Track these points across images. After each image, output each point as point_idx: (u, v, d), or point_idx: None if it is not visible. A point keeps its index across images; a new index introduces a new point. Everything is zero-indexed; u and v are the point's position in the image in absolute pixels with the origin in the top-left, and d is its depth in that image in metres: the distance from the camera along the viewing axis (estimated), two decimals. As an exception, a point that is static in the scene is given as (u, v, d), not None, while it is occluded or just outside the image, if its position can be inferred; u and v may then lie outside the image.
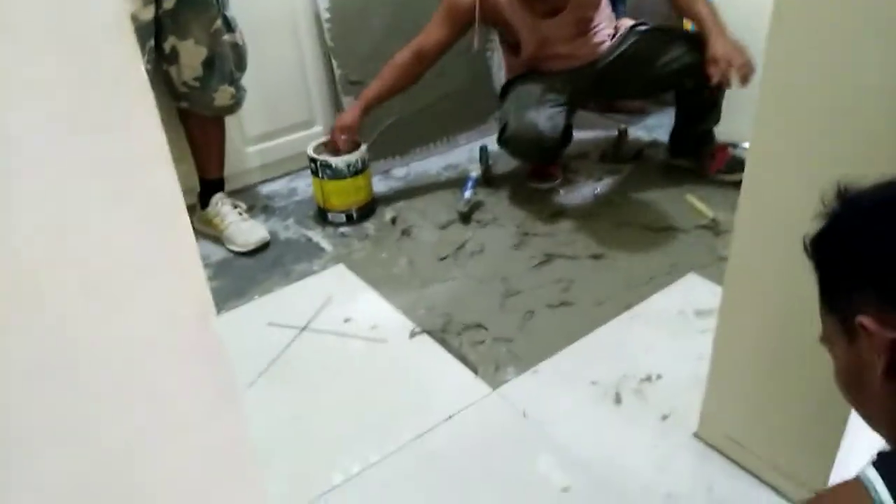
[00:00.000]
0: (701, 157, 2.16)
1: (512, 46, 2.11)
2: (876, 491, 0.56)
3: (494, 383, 1.45)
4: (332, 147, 2.05)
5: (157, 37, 1.69)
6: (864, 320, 0.60)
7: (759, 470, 1.19)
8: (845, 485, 0.60)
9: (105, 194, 0.30)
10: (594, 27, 2.04)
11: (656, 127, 2.52)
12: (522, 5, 1.93)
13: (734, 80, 1.76)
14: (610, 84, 2.10)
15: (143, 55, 1.63)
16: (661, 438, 1.30)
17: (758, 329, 1.11)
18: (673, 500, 1.18)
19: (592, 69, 2.06)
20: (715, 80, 1.78)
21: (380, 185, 2.25)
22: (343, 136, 2.01)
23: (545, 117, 1.97)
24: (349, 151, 2.01)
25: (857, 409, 0.70)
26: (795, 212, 0.98)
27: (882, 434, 0.65)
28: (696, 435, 1.30)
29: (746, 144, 1.35)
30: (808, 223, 0.66)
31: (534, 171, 2.21)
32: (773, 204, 1.02)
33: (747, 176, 1.03)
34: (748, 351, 1.14)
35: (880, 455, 0.61)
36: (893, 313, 0.59)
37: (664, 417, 1.35)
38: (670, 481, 1.21)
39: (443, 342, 1.58)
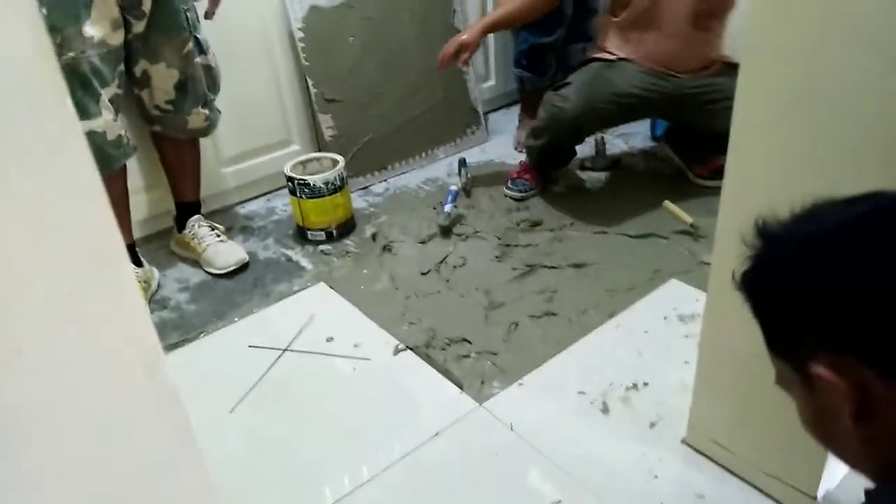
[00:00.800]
0: (692, 158, 2.17)
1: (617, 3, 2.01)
2: None
3: (480, 398, 1.44)
4: (443, 60, 2.05)
5: (127, 61, 1.67)
6: (820, 371, 0.55)
7: (749, 475, 1.19)
8: None
9: (31, 236, 0.28)
10: (710, 32, 1.96)
11: (633, 135, 2.53)
12: None
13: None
14: (676, 109, 2.03)
15: (114, 79, 1.61)
16: (650, 446, 1.29)
17: (743, 333, 1.09)
18: (664, 509, 1.17)
19: (678, 89, 1.98)
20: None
21: (359, 202, 2.24)
22: (464, 54, 2.02)
23: (596, 113, 1.96)
24: (462, 64, 2.07)
25: (829, 450, 0.64)
26: (778, 215, 0.98)
27: (860, 472, 0.61)
28: (684, 441, 1.29)
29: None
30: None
31: (512, 179, 2.20)
32: (754, 207, 1.01)
33: (728, 178, 1.03)
34: (734, 355, 1.13)
35: (867, 494, 0.57)
36: (848, 354, 0.54)
37: (652, 425, 1.34)
38: (661, 489, 1.20)
39: (427, 358, 1.56)
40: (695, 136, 2.15)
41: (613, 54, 2.01)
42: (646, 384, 1.43)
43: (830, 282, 0.55)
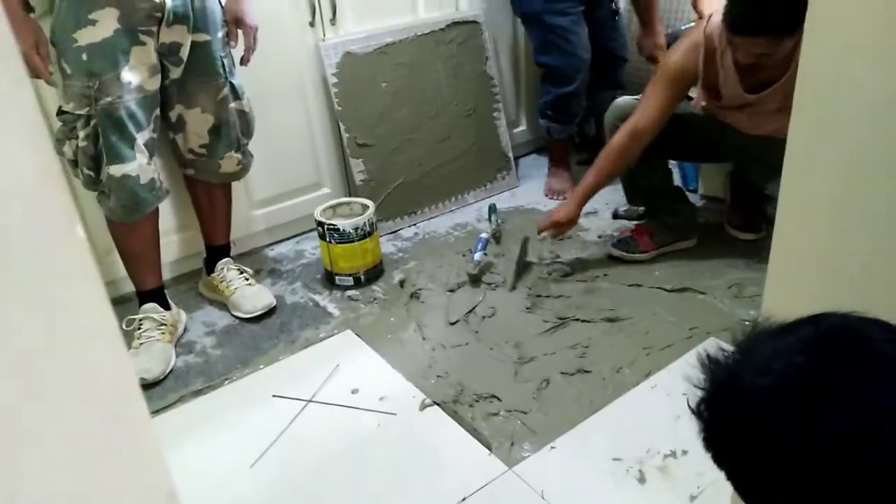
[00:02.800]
0: (735, 208, 2.12)
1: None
2: None
3: (510, 461, 1.38)
4: (540, 229, 2.01)
5: (162, 105, 1.68)
6: None
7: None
8: None
9: (36, 384, 0.25)
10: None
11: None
12: (735, 71, 1.73)
13: None
14: (739, 153, 1.95)
15: (150, 124, 1.62)
16: (691, 522, 1.22)
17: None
18: None
19: (747, 138, 1.87)
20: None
21: (388, 246, 2.22)
22: (557, 232, 2.00)
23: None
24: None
25: None
26: (829, 278, 0.93)
27: None
28: (727, 517, 1.21)
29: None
30: (843, 280, 0.60)
31: (620, 238, 2.08)
32: (804, 269, 0.96)
33: (777, 238, 0.98)
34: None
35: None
36: None
37: (692, 498, 1.26)
38: (703, 572, 1.13)
39: (454, 415, 1.51)
40: (747, 188, 2.09)
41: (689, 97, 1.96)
42: (685, 452, 1.36)
43: (789, 443, 0.53)
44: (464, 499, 1.30)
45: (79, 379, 0.25)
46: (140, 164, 1.59)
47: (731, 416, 0.57)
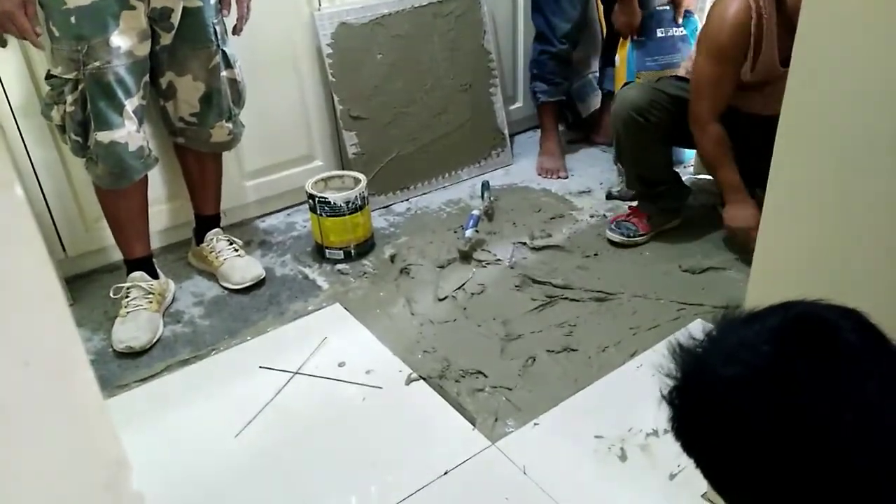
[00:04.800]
0: None
1: None
2: None
3: (494, 436, 1.39)
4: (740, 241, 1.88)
5: (153, 72, 1.66)
6: None
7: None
8: None
9: None
10: None
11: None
12: (776, 38, 1.67)
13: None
14: (740, 139, 1.88)
15: (139, 90, 1.60)
16: (669, 500, 1.23)
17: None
18: (682, 570, 1.11)
19: (747, 120, 1.84)
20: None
21: (379, 221, 2.21)
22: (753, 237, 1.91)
23: (658, 103, 1.86)
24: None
25: None
26: (814, 255, 0.93)
27: None
28: (705, 496, 1.22)
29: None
30: (827, 266, 0.60)
31: (617, 221, 2.05)
32: (791, 248, 0.97)
33: (765, 219, 0.99)
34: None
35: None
36: None
37: (672, 476, 1.28)
38: (679, 548, 1.14)
39: (440, 390, 1.52)
40: (740, 171, 2.07)
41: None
42: (666, 431, 1.36)
43: (755, 435, 0.53)
44: (446, 472, 1.31)
45: (20, 345, 0.25)
46: (129, 132, 1.57)
47: (698, 405, 0.57)
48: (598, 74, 2.63)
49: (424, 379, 1.55)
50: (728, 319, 0.58)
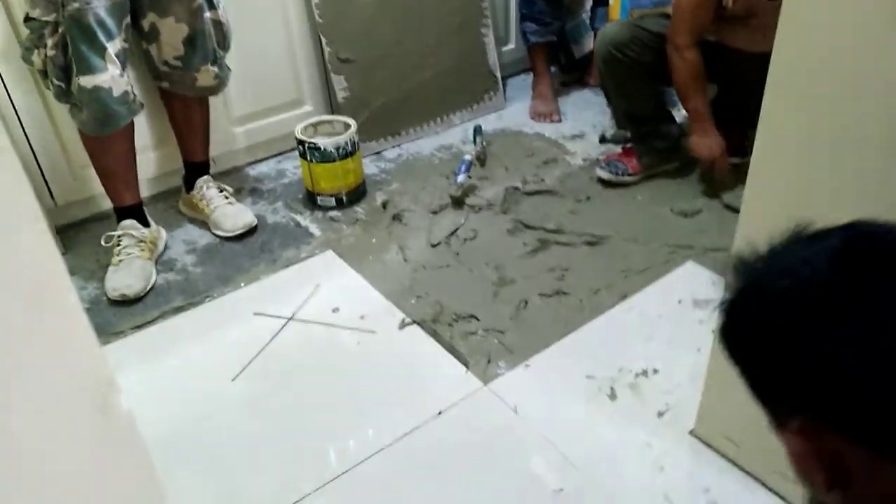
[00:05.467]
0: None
1: None
2: None
3: (486, 378, 1.41)
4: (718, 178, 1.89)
5: (134, 14, 1.61)
6: (790, 440, 0.54)
7: (758, 472, 1.16)
8: None
9: None
10: None
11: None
12: None
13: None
14: (719, 72, 1.86)
15: (120, 32, 1.56)
16: (657, 437, 1.26)
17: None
18: (669, 502, 1.15)
19: (741, 59, 1.79)
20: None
21: (371, 167, 2.19)
22: (722, 165, 1.88)
23: (639, 40, 1.84)
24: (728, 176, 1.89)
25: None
26: (804, 197, 0.93)
27: None
28: (692, 433, 1.26)
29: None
30: (817, 208, 0.60)
31: (607, 160, 2.04)
32: (780, 189, 0.97)
33: (755, 160, 0.98)
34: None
35: None
36: (823, 422, 0.52)
37: (660, 414, 1.31)
38: (666, 482, 1.18)
39: (433, 334, 1.54)
40: (729, 111, 2.05)
41: None
42: (656, 371, 1.40)
43: (804, 348, 0.52)
44: (440, 412, 1.33)
45: (0, 268, 0.24)
46: (112, 76, 1.54)
47: (747, 316, 0.57)
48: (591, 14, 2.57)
49: (418, 323, 1.57)
50: (790, 236, 0.57)
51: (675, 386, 1.36)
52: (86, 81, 1.51)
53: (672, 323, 1.52)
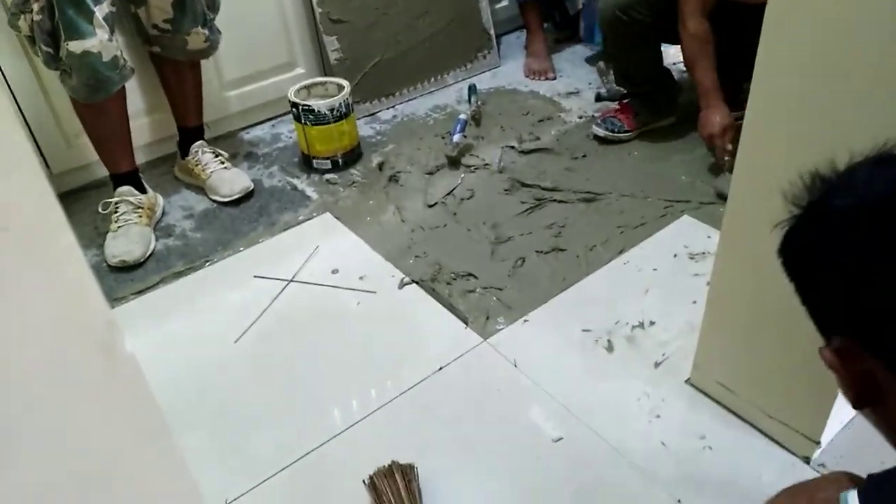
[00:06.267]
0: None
1: None
2: None
3: (485, 333, 1.43)
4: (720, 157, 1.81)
5: (121, -24, 1.59)
6: (826, 354, 0.56)
7: (753, 417, 1.19)
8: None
9: None
10: None
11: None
12: None
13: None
14: (721, 26, 1.81)
15: (108, -5, 1.53)
16: (654, 386, 1.29)
17: (754, 274, 1.07)
18: (666, 449, 1.18)
19: (739, 12, 1.73)
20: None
21: (366, 129, 2.18)
22: (724, 140, 1.78)
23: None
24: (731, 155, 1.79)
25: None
26: (797, 152, 0.94)
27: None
28: (688, 382, 1.28)
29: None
30: (808, 164, 0.60)
31: (603, 118, 2.03)
32: (774, 144, 0.97)
33: (747, 117, 0.98)
34: (744, 296, 1.11)
35: (870, 479, 0.55)
36: (858, 342, 0.54)
37: (657, 364, 1.33)
38: (663, 430, 1.21)
39: (433, 292, 1.55)
40: (727, 66, 2.03)
41: None
42: (652, 323, 1.42)
43: (852, 273, 0.53)
44: (441, 368, 1.36)
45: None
46: (101, 40, 1.52)
47: (808, 232, 0.57)
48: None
49: (417, 282, 1.58)
50: (864, 159, 0.57)
51: (671, 337, 1.38)
52: (74, 46, 1.50)
53: (668, 276, 1.54)
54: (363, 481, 1.11)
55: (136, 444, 0.33)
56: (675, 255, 1.59)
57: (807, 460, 1.13)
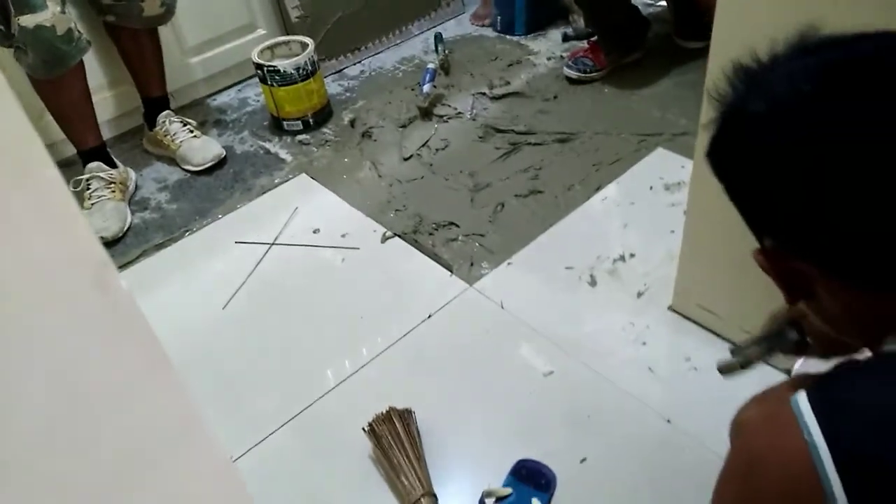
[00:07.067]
0: (680, 18, 2.05)
1: None
2: (808, 431, 0.48)
3: (470, 279, 1.45)
4: None
5: (66, -57, 1.53)
6: (756, 255, 0.58)
7: (734, 336, 1.22)
8: (775, 413, 0.51)
9: None
10: None
11: None
12: None
13: None
14: None
15: (55, -35, 1.48)
16: (638, 315, 1.32)
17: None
18: (653, 374, 1.21)
19: None
20: None
21: (334, 87, 2.15)
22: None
23: None
24: None
25: None
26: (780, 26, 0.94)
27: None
28: (671, 308, 1.32)
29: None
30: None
31: (573, 58, 2.01)
32: (747, 33, 0.97)
33: (715, 37, 0.98)
34: (719, 220, 1.13)
35: (820, 382, 0.52)
36: (790, 248, 0.55)
37: (639, 294, 1.36)
38: (649, 355, 1.25)
39: (415, 244, 1.56)
40: (692, 16, 2.03)
41: None
42: (632, 255, 1.45)
43: (770, 176, 0.53)
44: (430, 316, 1.38)
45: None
46: (53, 13, 1.47)
47: (727, 136, 0.56)
48: None
49: (399, 236, 1.59)
50: (793, 44, 0.53)
51: (652, 267, 1.41)
52: (26, 21, 1.45)
53: (645, 208, 1.56)
54: (363, 429, 1.14)
55: (141, 376, 0.34)
56: (651, 188, 1.61)
57: (788, 373, 1.18)
